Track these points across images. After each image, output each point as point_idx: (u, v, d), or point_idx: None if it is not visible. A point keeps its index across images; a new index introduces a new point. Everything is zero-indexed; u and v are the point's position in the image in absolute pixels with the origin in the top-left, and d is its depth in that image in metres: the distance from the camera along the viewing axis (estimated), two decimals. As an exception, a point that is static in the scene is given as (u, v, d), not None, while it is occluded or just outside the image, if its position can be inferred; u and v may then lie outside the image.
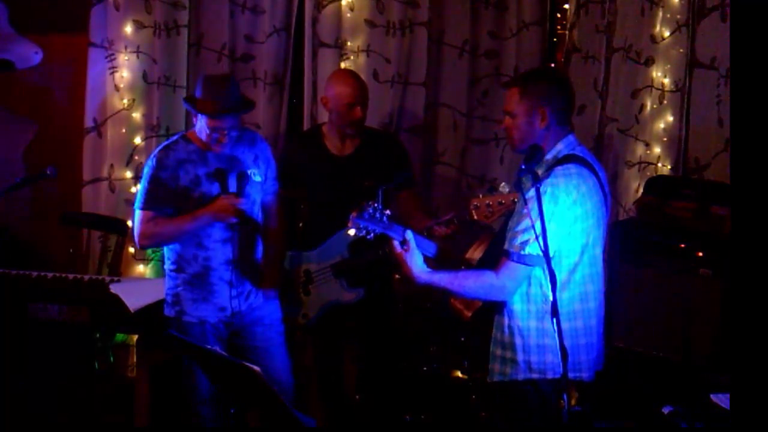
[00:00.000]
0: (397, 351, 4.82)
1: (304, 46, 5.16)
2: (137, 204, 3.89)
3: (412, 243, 3.11)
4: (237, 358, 3.16)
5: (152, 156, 3.91)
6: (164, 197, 3.83)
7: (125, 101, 4.96)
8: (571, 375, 2.98)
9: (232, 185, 3.87)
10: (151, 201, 3.84)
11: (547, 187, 2.99)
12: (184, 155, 3.87)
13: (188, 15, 5.00)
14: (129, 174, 5.00)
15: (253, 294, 3.99)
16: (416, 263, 3.10)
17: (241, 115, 3.94)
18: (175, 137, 4.00)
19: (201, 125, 3.82)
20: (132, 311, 4.03)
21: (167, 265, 3.99)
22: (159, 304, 4.02)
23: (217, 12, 5.05)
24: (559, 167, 3.06)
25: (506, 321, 3.13)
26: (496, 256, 3.09)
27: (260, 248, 4.02)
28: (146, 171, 3.89)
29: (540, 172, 3.06)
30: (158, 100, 5.00)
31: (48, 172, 4.06)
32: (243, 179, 3.87)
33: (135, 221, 3.91)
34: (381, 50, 5.15)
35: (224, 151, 3.87)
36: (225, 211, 3.81)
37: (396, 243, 3.11)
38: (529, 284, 3.07)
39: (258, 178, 3.97)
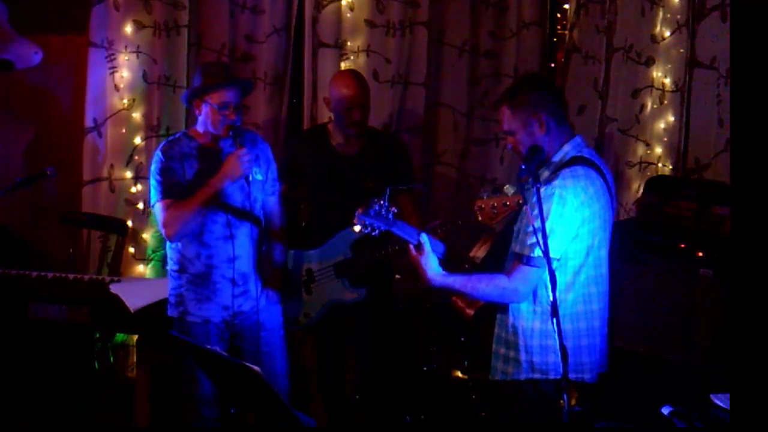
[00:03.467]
0: (398, 351, 4.83)
1: (304, 46, 5.16)
2: (154, 199, 3.89)
3: (427, 246, 3.11)
4: (237, 358, 3.16)
5: (156, 151, 3.92)
6: (176, 184, 3.85)
7: (125, 101, 4.96)
8: (573, 376, 2.98)
9: (231, 146, 3.85)
10: (165, 190, 3.85)
11: (554, 189, 2.99)
12: (187, 150, 3.89)
13: (188, 15, 5.00)
14: (129, 174, 5.00)
15: (256, 295, 3.99)
16: (431, 266, 3.11)
17: (244, 96, 3.94)
18: (177, 134, 4.02)
19: (207, 112, 3.83)
20: (132, 311, 4.03)
21: (170, 266, 3.99)
22: (159, 304, 4.02)
23: (217, 12, 5.05)
24: (567, 169, 3.06)
25: (510, 320, 3.13)
26: (498, 255, 3.10)
27: (262, 247, 4.01)
28: (154, 166, 3.90)
29: (546, 173, 3.07)
30: (158, 100, 5.00)
31: (48, 172, 4.06)
32: (239, 133, 3.84)
33: (157, 216, 3.90)
34: (381, 50, 5.15)
35: (226, 149, 3.87)
36: (232, 166, 3.78)
37: (411, 247, 3.12)
38: (537, 285, 3.07)
39: (259, 177, 3.97)
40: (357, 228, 3.14)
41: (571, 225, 3.01)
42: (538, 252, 2.97)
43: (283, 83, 5.18)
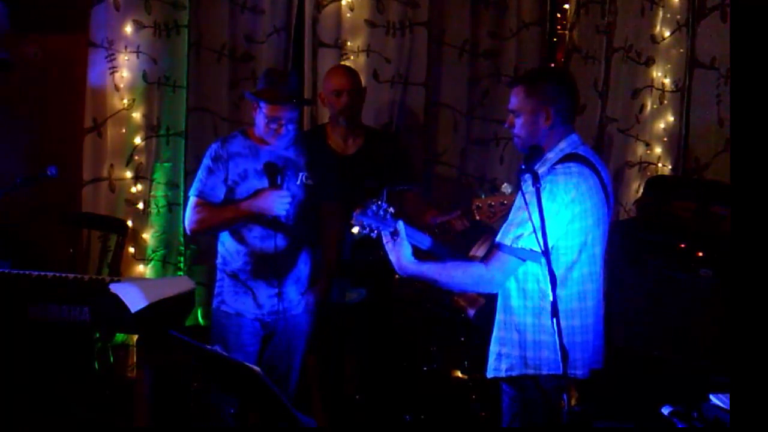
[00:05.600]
0: (397, 351, 4.83)
1: (304, 46, 5.17)
2: (191, 191, 4.00)
3: (402, 233, 3.12)
4: (236, 358, 3.16)
5: (210, 147, 4.02)
6: (213, 186, 3.94)
7: (125, 101, 4.96)
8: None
9: (278, 179, 3.91)
10: (200, 189, 3.95)
11: (546, 184, 3.00)
12: (239, 149, 3.96)
13: (188, 15, 5.01)
14: (129, 174, 5.00)
15: (293, 298, 4.03)
16: (404, 254, 3.11)
17: (299, 110, 4.00)
18: (235, 131, 4.10)
19: (260, 117, 3.89)
20: (132, 311, 4.03)
21: (217, 259, 4.09)
22: (159, 304, 4.02)
23: (217, 12, 5.06)
24: (560, 165, 3.07)
25: (504, 317, 3.14)
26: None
27: (303, 251, 4.05)
28: (203, 161, 4.00)
29: (542, 170, 3.07)
30: (158, 100, 5.00)
31: (48, 172, 4.06)
32: (284, 173, 3.90)
33: (187, 207, 4.02)
34: (381, 50, 5.15)
35: (278, 150, 3.91)
36: (269, 203, 3.84)
37: (386, 234, 3.12)
38: (526, 280, 3.08)
39: (309, 182, 4.02)
40: (355, 230, 3.14)
41: (560, 220, 3.01)
42: (521, 243, 2.97)
43: (283, 83, 5.17)
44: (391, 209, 3.15)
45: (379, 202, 3.13)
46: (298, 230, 4.00)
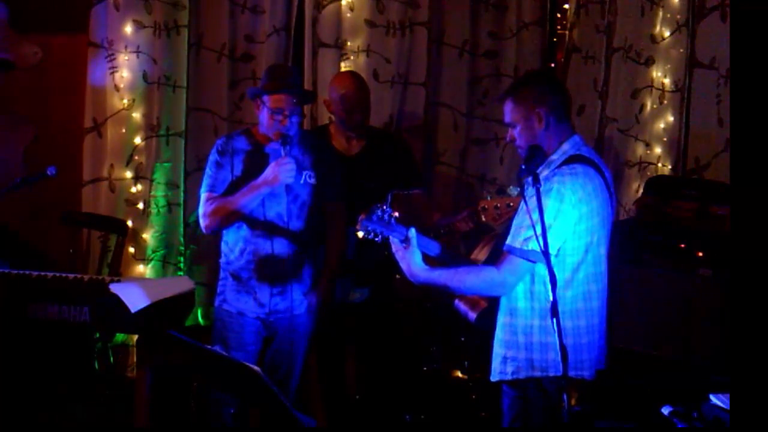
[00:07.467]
0: (398, 351, 4.82)
1: (304, 46, 5.17)
2: (201, 189, 4.03)
3: (413, 241, 3.12)
4: (236, 359, 3.16)
5: (215, 143, 4.06)
6: (224, 180, 3.98)
7: (125, 101, 4.96)
8: (572, 373, 2.99)
9: (279, 151, 3.90)
10: (211, 183, 3.99)
11: (553, 185, 3.00)
12: (242, 146, 4.00)
13: (188, 15, 5.01)
14: (129, 174, 5.00)
15: (295, 298, 4.04)
16: (415, 261, 3.11)
17: (302, 105, 4.03)
18: (239, 130, 4.15)
19: (264, 113, 3.92)
20: (132, 311, 4.03)
21: (220, 258, 4.11)
22: (159, 304, 4.02)
23: (217, 12, 5.06)
24: (566, 166, 3.08)
25: (510, 320, 3.14)
26: (499, 254, 3.10)
27: (306, 251, 4.06)
28: (209, 158, 4.04)
29: (545, 172, 3.08)
30: (158, 100, 5.00)
31: (48, 172, 4.06)
32: (288, 141, 3.88)
33: (199, 206, 4.03)
34: (381, 50, 5.15)
35: (275, 153, 3.93)
36: (272, 174, 3.84)
37: (396, 241, 3.12)
38: (533, 282, 3.08)
39: (312, 181, 4.03)
40: (360, 234, 3.15)
41: (568, 221, 3.02)
42: (531, 245, 2.97)
43: (283, 83, 5.17)
44: (396, 214, 3.15)
45: (384, 207, 3.14)
46: (300, 230, 4.00)
